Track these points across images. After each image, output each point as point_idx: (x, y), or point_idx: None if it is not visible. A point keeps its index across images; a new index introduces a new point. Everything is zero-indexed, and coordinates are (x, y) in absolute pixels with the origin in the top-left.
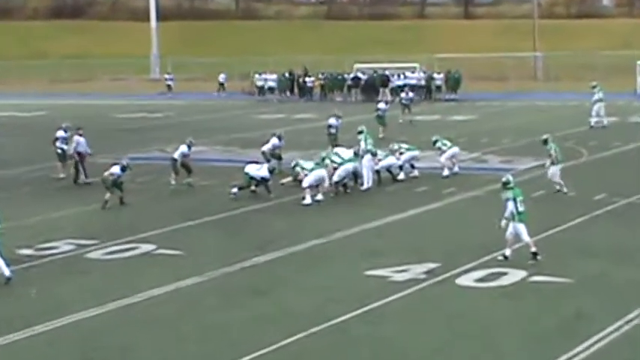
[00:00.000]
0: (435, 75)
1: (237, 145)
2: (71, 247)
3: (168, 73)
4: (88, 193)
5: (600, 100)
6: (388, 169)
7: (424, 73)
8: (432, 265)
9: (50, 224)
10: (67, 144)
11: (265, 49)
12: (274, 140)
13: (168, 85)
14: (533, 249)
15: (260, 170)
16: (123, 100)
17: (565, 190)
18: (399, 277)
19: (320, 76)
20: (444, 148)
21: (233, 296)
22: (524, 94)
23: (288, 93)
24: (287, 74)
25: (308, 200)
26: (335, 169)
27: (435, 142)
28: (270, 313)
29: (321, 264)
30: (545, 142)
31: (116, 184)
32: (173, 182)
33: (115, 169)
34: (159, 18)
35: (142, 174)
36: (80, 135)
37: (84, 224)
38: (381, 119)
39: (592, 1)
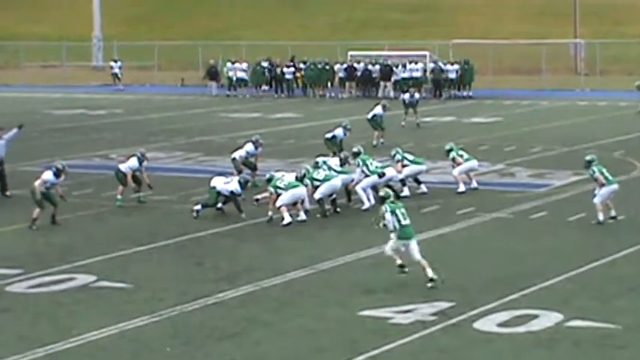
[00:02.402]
0: (449, 66)
1: (200, 151)
2: None
3: (115, 60)
4: (9, 209)
5: None
6: (387, 183)
7: (434, 63)
8: (443, 305)
9: None
10: None
11: (237, 32)
12: (249, 146)
13: (115, 74)
14: (430, 274)
15: (229, 184)
16: (56, 93)
17: (613, 213)
18: (403, 318)
19: (301, 65)
20: (459, 160)
21: (193, 341)
22: (561, 92)
23: (265, 87)
24: (264, 63)
25: (287, 219)
26: (316, 187)
27: (449, 151)
28: None
29: (304, 301)
30: (589, 164)
31: (48, 196)
32: (119, 197)
33: (47, 176)
34: None
35: (80, 186)
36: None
37: (5, 249)
38: (376, 123)
39: None
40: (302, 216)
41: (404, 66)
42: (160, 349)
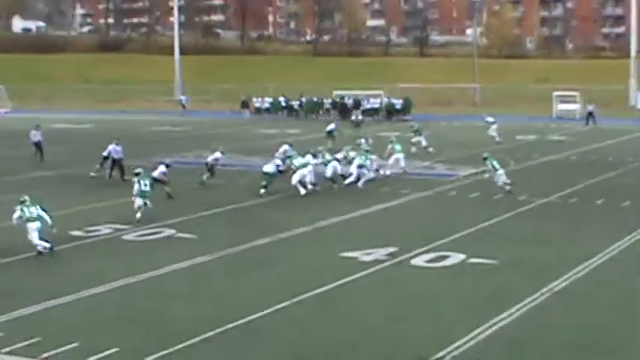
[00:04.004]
0: (395, 100)
1: (242, 152)
2: (111, 230)
3: (183, 95)
4: (125, 188)
5: (494, 123)
6: (335, 173)
7: (387, 98)
8: (392, 249)
9: (95, 212)
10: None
11: (264, 79)
12: (217, 154)
13: (183, 105)
14: (138, 215)
15: (268, 165)
16: (152, 117)
17: (508, 188)
18: (367, 258)
19: (302, 99)
20: (389, 151)
21: (237, 270)
22: (465, 117)
23: (282, 113)
24: (281, 98)
25: (302, 191)
26: (294, 171)
27: (390, 142)
28: (266, 283)
29: (306, 246)
30: (485, 159)
31: (161, 181)
32: (204, 178)
33: (162, 168)
34: (181, 52)
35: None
36: (117, 144)
37: (121, 212)
38: (330, 134)
39: (519, 44)
40: (301, 190)
41: (367, 100)
42: (215, 275)
